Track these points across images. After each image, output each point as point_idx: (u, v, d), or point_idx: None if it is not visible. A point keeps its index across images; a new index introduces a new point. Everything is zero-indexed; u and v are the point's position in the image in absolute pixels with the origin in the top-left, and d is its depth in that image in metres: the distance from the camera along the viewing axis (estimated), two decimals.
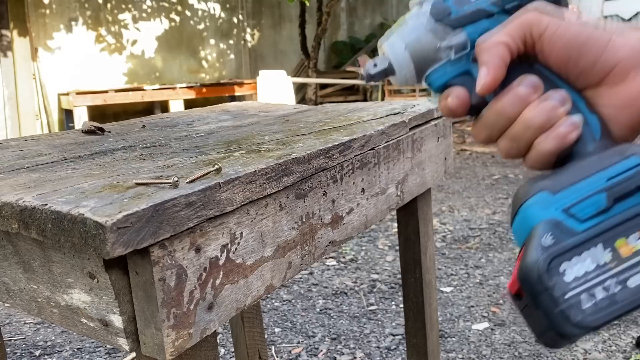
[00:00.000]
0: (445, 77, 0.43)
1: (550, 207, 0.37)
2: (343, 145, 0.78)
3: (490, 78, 0.40)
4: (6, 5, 5.73)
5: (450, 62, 0.43)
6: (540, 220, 0.37)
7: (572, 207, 0.37)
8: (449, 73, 0.43)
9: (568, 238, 0.36)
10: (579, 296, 0.35)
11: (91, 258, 0.51)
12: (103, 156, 0.76)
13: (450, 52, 0.42)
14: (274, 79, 6.56)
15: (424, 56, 0.43)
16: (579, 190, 0.37)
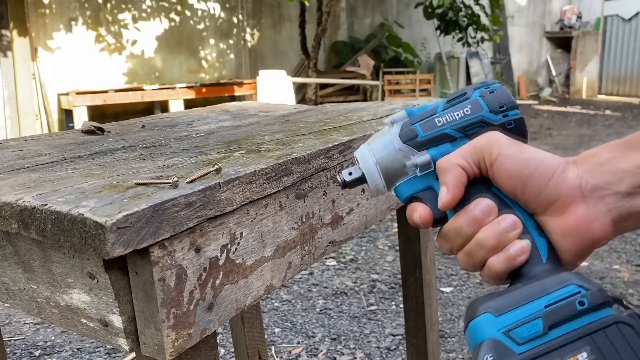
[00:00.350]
0: (411, 190, 0.49)
1: (492, 327, 0.41)
2: (343, 145, 0.78)
3: (450, 197, 0.45)
4: (6, 5, 5.73)
5: (416, 178, 0.49)
6: (484, 338, 0.41)
7: (512, 330, 0.40)
8: (414, 187, 0.49)
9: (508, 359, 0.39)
10: None
11: (91, 258, 0.51)
12: (103, 156, 0.76)
13: (415, 170, 0.48)
14: (274, 79, 6.55)
15: (393, 171, 0.49)
16: (519, 314, 0.41)
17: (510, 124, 0.47)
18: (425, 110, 0.49)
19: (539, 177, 0.43)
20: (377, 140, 0.50)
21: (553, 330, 0.40)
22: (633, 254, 2.91)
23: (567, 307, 0.40)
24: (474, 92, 0.48)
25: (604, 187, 0.43)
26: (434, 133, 0.48)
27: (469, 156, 0.45)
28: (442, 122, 0.47)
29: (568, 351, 0.39)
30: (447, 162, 0.45)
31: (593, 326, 0.40)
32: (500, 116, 0.47)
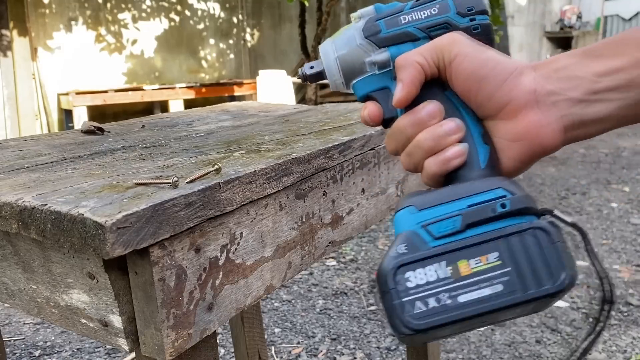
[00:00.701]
0: (367, 88, 0.48)
1: (412, 220, 0.42)
2: (343, 145, 0.78)
3: (404, 94, 0.44)
4: (6, 5, 5.73)
5: (374, 76, 0.48)
6: (403, 230, 0.42)
7: (430, 225, 0.41)
8: (371, 86, 0.48)
9: (419, 250, 0.41)
10: (414, 302, 0.40)
11: (91, 258, 0.51)
12: (103, 156, 0.76)
13: (374, 68, 0.47)
14: (274, 79, 6.55)
15: (352, 67, 0.48)
16: (441, 210, 0.42)
17: (477, 28, 0.46)
18: (393, 7, 0.48)
19: (494, 78, 0.43)
20: (341, 34, 0.49)
21: (470, 229, 0.41)
22: (633, 254, 2.91)
23: (487, 208, 0.41)
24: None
25: (558, 92, 0.42)
26: (396, 30, 0.47)
27: (428, 54, 0.44)
28: (406, 20, 0.47)
29: (479, 251, 0.40)
30: (406, 58, 0.45)
31: (509, 229, 0.40)
32: (467, 19, 0.46)
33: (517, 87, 0.42)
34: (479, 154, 0.44)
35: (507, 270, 0.39)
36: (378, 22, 0.47)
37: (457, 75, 0.44)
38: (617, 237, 3.16)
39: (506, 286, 0.39)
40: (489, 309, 0.39)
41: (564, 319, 2.19)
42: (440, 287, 0.40)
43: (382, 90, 0.48)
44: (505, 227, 0.40)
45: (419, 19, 0.46)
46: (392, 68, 0.47)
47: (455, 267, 0.40)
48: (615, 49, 0.42)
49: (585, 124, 0.42)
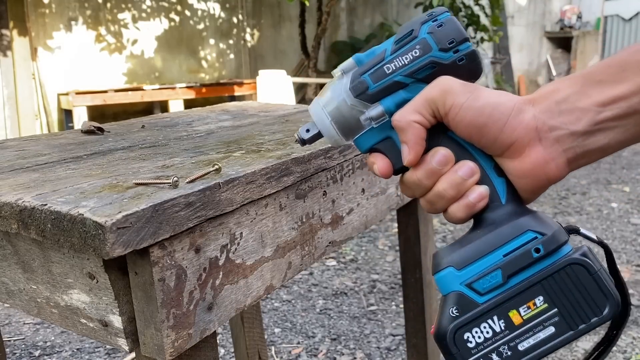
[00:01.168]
0: (369, 143, 0.48)
1: (455, 281, 0.43)
2: (343, 145, 0.78)
3: (413, 156, 0.45)
4: (6, 4, 5.73)
5: (373, 129, 0.48)
6: (449, 291, 0.44)
7: (474, 282, 0.43)
8: (373, 139, 0.48)
9: (470, 310, 0.43)
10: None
11: (91, 258, 0.51)
12: (102, 156, 0.76)
13: (371, 123, 0.47)
14: (274, 79, 6.55)
15: (349, 126, 0.48)
16: (479, 267, 0.43)
17: (462, 59, 0.45)
18: (374, 57, 0.47)
19: (494, 124, 0.43)
20: (328, 94, 0.48)
21: (512, 278, 0.43)
22: (633, 254, 2.91)
23: (523, 256, 0.42)
24: (422, 28, 0.46)
25: (560, 127, 0.43)
26: (384, 83, 0.46)
27: (423, 109, 0.45)
28: (391, 70, 0.46)
29: (525, 298, 0.42)
30: (403, 120, 0.45)
31: (547, 271, 0.42)
32: (450, 53, 0.45)
33: (519, 126, 0.43)
34: (497, 190, 0.45)
35: (555, 311, 0.42)
36: (363, 77, 0.46)
37: (455, 125, 0.44)
38: (617, 237, 3.16)
39: (557, 327, 0.42)
40: (547, 351, 0.42)
41: None
42: (498, 341, 0.42)
43: (385, 140, 0.48)
44: (543, 269, 0.42)
45: (404, 65, 0.46)
46: (389, 118, 0.47)
47: (507, 319, 0.42)
48: (615, 74, 0.42)
49: (588, 153, 0.43)
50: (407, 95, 0.46)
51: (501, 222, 0.44)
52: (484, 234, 0.44)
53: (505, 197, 0.45)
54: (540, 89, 0.45)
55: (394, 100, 0.46)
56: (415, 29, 0.46)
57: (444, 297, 0.44)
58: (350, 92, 0.47)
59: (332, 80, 0.49)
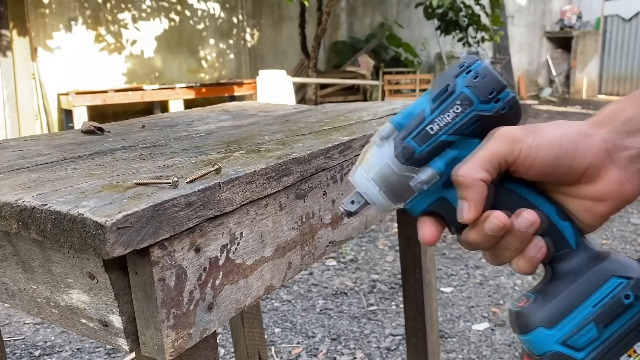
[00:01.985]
0: (422, 206, 0.47)
1: (549, 341, 0.43)
2: (343, 145, 0.78)
3: (473, 214, 0.44)
4: (6, 5, 5.73)
5: (424, 192, 0.46)
6: (545, 351, 0.43)
7: (569, 339, 0.42)
8: (425, 202, 0.46)
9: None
10: None
11: (91, 258, 0.51)
12: (103, 156, 0.76)
13: (422, 186, 0.45)
14: (274, 79, 6.55)
15: (399, 193, 0.46)
16: (571, 322, 0.43)
17: (505, 108, 0.44)
18: (412, 118, 0.45)
19: (565, 154, 0.43)
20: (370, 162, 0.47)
21: (606, 329, 0.42)
22: (633, 254, 2.91)
23: (614, 305, 0.42)
24: (457, 82, 0.44)
25: (632, 147, 0.43)
26: (431, 144, 0.44)
27: (489, 165, 0.44)
28: (435, 130, 0.44)
29: (625, 347, 0.42)
30: (469, 177, 0.44)
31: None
32: (492, 104, 0.44)
33: (590, 151, 0.43)
34: (565, 235, 0.45)
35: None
36: (407, 142, 0.45)
37: (527, 169, 0.44)
38: (617, 237, 3.16)
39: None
40: None
41: None
42: None
43: (438, 201, 0.46)
44: (636, 314, 0.42)
45: (447, 123, 0.44)
46: (440, 179, 0.45)
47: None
48: None
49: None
50: (456, 153, 0.45)
51: (581, 271, 0.44)
52: (567, 286, 0.44)
53: (575, 242, 0.44)
54: (600, 111, 0.45)
55: (444, 161, 0.45)
56: (450, 84, 0.45)
57: (538, 357, 0.44)
58: (396, 159, 0.45)
59: (369, 146, 0.47)
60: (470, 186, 0.43)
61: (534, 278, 2.54)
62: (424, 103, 0.45)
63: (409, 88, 8.28)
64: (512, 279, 2.61)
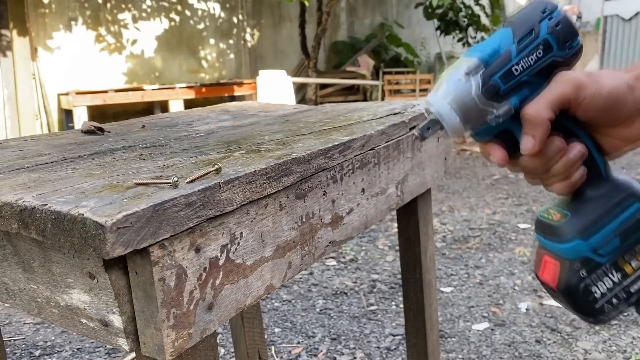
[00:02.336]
0: (490, 134, 0.52)
1: (584, 249, 0.52)
2: (343, 145, 0.78)
3: (537, 148, 0.50)
4: (6, 5, 5.73)
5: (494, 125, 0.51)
6: (578, 256, 0.53)
7: (599, 249, 0.52)
8: (493, 132, 0.52)
9: (596, 270, 0.53)
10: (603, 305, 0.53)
11: (91, 258, 0.51)
12: (103, 156, 0.76)
13: (498, 119, 0.50)
14: (274, 79, 6.55)
15: (474, 120, 0.51)
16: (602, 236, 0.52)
17: (574, 55, 0.50)
18: (499, 57, 0.49)
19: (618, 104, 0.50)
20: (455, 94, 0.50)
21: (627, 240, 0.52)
22: None
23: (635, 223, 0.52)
24: (541, 27, 0.49)
25: None
26: (513, 83, 0.49)
27: (556, 106, 0.49)
28: (519, 71, 0.49)
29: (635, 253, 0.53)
30: (538, 116, 0.49)
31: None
32: (566, 51, 0.50)
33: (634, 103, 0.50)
34: (599, 166, 0.53)
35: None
36: (494, 80, 0.49)
37: (586, 113, 0.50)
38: None
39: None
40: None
41: (564, 318, 2.19)
42: (617, 288, 0.53)
43: (503, 132, 0.52)
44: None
45: (530, 65, 0.49)
46: (513, 113, 0.50)
47: (622, 271, 0.53)
48: None
49: None
50: (529, 91, 0.50)
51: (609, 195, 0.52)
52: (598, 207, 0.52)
53: (605, 172, 0.53)
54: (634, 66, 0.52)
55: (519, 97, 0.50)
56: (535, 29, 0.49)
57: (569, 261, 0.52)
58: (483, 95, 0.49)
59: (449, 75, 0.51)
60: (538, 125, 0.49)
61: (533, 278, 2.54)
62: (509, 43, 0.50)
63: (408, 88, 8.28)
64: (511, 279, 2.61)
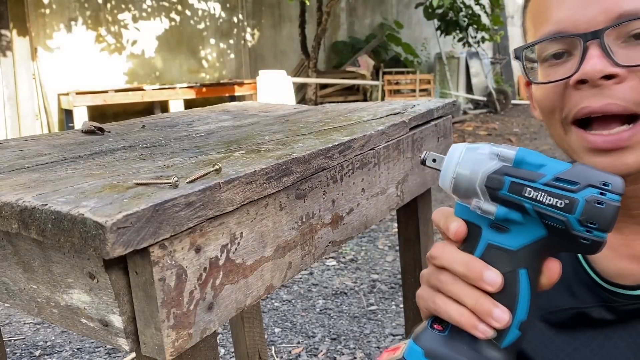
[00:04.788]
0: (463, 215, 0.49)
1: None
2: (343, 145, 0.78)
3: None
4: (6, 5, 5.73)
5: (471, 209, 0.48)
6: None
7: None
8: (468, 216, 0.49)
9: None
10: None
11: (91, 258, 0.51)
12: (103, 156, 0.76)
13: (477, 209, 0.47)
14: (274, 79, 6.55)
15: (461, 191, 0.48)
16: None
17: (587, 241, 0.44)
18: (530, 170, 0.46)
19: None
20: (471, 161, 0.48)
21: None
22: None
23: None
24: (585, 191, 0.44)
25: None
26: (515, 198, 0.45)
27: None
28: (530, 196, 0.45)
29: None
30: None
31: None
32: (583, 229, 0.44)
33: None
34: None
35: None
36: (505, 178, 0.46)
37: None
38: None
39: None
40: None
41: None
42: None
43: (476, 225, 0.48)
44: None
45: (542, 202, 0.45)
46: (493, 220, 0.47)
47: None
48: None
49: None
50: (522, 220, 0.46)
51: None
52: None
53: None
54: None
55: (509, 215, 0.46)
56: (580, 185, 0.44)
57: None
58: (485, 179, 0.46)
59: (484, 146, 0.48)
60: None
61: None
62: (551, 169, 0.45)
63: (408, 88, 8.28)
64: None
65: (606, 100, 0.54)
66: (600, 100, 0.54)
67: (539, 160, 0.46)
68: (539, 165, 0.46)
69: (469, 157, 0.48)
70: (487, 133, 7.25)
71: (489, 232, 0.47)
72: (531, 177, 0.45)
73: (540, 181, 0.45)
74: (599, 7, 0.54)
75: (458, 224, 0.48)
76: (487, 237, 0.48)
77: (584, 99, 0.55)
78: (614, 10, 0.53)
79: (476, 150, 0.48)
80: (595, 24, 0.54)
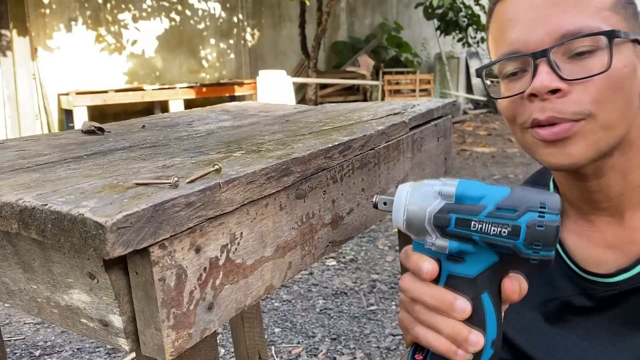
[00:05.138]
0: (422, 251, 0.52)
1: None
2: (343, 145, 0.78)
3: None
4: (6, 5, 5.73)
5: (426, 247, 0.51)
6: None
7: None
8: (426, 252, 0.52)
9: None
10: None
11: (91, 258, 0.51)
12: (103, 156, 0.76)
13: (431, 246, 0.51)
14: (274, 79, 6.55)
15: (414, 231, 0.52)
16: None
17: (535, 260, 0.47)
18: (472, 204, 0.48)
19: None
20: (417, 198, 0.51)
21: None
22: None
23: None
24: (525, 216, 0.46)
25: None
26: (463, 232, 0.48)
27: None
28: (476, 229, 0.47)
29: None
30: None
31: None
32: (530, 251, 0.46)
33: None
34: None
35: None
36: (450, 215, 0.48)
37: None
38: None
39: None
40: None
41: None
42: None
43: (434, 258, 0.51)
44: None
45: (487, 233, 0.47)
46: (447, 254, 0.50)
47: None
48: None
49: None
50: (474, 250, 0.49)
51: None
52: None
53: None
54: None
55: (461, 247, 0.49)
56: (519, 212, 0.46)
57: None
58: (432, 218, 0.49)
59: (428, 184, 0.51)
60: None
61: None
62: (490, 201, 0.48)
63: (408, 88, 8.28)
64: None
65: (550, 114, 0.61)
66: (545, 113, 0.62)
67: (479, 191, 0.48)
68: (479, 197, 0.48)
69: (415, 197, 0.51)
70: (487, 133, 7.25)
71: (447, 264, 0.50)
72: (474, 210, 0.48)
73: (483, 213, 0.47)
74: (545, 29, 0.61)
75: (430, 264, 0.51)
76: (447, 268, 0.50)
77: (534, 112, 0.63)
78: (557, 32, 0.60)
79: (420, 189, 0.51)
80: (542, 43, 0.61)
